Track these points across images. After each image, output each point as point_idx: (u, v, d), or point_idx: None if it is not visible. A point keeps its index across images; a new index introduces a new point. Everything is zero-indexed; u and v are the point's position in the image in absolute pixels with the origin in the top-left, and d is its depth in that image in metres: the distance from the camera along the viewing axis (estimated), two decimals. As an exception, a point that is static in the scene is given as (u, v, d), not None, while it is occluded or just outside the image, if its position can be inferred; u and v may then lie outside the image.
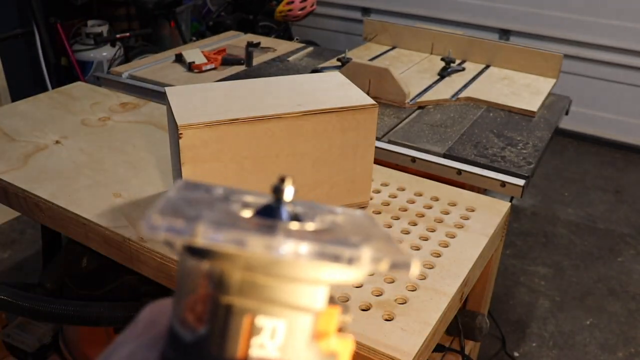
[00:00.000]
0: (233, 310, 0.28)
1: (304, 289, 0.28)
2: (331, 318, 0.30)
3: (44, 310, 1.16)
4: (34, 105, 1.55)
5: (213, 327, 0.28)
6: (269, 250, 0.26)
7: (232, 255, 0.27)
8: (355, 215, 0.35)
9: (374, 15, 4.08)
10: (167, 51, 2.21)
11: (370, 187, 1.14)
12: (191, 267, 0.29)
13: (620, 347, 2.09)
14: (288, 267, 0.28)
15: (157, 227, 0.26)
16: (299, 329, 0.28)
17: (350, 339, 0.30)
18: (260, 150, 1.00)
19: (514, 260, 2.52)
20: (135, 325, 0.32)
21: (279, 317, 0.28)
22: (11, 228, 2.64)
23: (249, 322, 0.28)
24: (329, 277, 0.28)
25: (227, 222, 0.28)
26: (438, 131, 1.60)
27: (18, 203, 1.19)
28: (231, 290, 0.28)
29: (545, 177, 3.21)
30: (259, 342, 0.28)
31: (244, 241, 0.26)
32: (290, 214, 0.30)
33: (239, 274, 0.27)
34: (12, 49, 3.24)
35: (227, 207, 0.31)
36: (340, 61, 2.03)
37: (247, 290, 0.28)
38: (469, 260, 1.01)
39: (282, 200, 0.30)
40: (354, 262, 0.27)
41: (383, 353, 0.80)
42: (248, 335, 0.28)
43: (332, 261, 0.27)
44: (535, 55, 2.01)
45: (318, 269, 0.28)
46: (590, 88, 3.59)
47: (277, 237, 0.27)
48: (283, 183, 0.30)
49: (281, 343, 0.28)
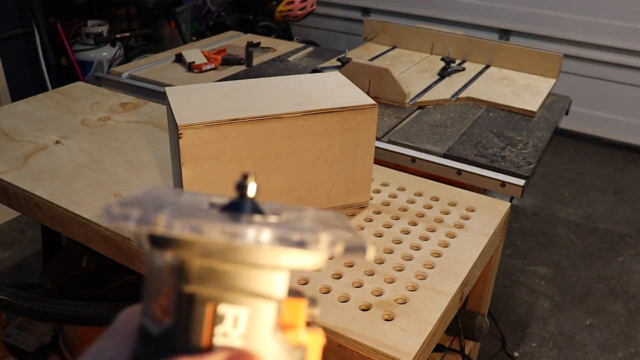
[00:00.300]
0: (195, 300, 0.28)
1: (264, 275, 0.29)
2: (298, 310, 0.31)
3: (44, 310, 1.16)
4: (34, 105, 1.55)
5: (178, 317, 0.28)
6: (226, 235, 0.27)
7: (191, 243, 0.28)
8: (324, 213, 0.35)
9: (374, 15, 4.08)
10: (167, 51, 2.21)
11: (370, 187, 1.14)
12: (157, 261, 0.30)
13: (620, 347, 2.09)
14: (246, 253, 0.28)
15: (116, 216, 0.27)
16: (262, 317, 0.29)
17: (320, 333, 0.31)
18: (260, 150, 1.00)
19: (514, 260, 2.52)
20: (109, 328, 0.33)
21: (241, 305, 0.28)
22: (11, 228, 2.64)
23: (212, 311, 0.28)
24: (287, 262, 0.29)
25: (187, 214, 0.28)
26: (438, 131, 1.60)
27: (18, 203, 1.19)
28: (192, 278, 0.28)
29: (545, 177, 3.21)
30: (222, 330, 0.28)
31: (200, 228, 0.26)
32: (253, 208, 0.31)
33: (198, 261, 0.28)
34: (12, 49, 3.24)
35: (192, 204, 0.32)
36: (340, 61, 2.03)
37: (207, 279, 0.28)
38: (469, 260, 1.01)
39: (246, 196, 0.31)
40: (310, 245, 0.27)
41: (383, 353, 0.80)
42: (211, 324, 0.28)
43: (288, 245, 0.27)
44: (535, 55, 2.01)
45: (276, 255, 0.28)
46: (590, 88, 3.59)
47: (234, 224, 0.27)
48: (246, 180, 0.31)
49: (244, 331, 0.28)
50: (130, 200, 0.29)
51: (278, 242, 0.27)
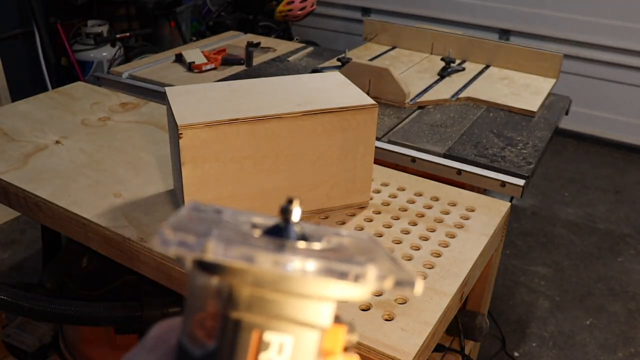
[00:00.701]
0: (242, 326, 0.28)
1: (311, 305, 0.29)
2: (338, 336, 0.31)
3: (44, 310, 1.16)
4: (34, 105, 1.55)
5: (222, 342, 0.28)
6: (277, 266, 0.27)
7: (241, 271, 0.28)
8: (361, 238, 0.36)
9: (374, 15, 4.08)
10: (167, 51, 2.21)
11: (370, 187, 1.14)
12: (201, 283, 0.30)
13: (620, 347, 2.09)
14: (295, 283, 0.28)
15: (170, 242, 0.27)
16: (306, 345, 0.29)
17: (356, 357, 0.31)
18: (260, 150, 1.00)
19: (514, 260, 2.52)
20: (144, 341, 0.33)
21: (287, 333, 0.29)
22: (11, 228, 2.64)
23: (257, 338, 0.28)
24: (335, 294, 0.29)
25: (236, 239, 0.28)
26: (438, 131, 1.60)
27: (18, 203, 1.19)
28: (240, 305, 0.28)
29: (545, 177, 3.21)
30: (267, 357, 0.28)
31: (253, 257, 0.27)
32: (298, 233, 0.31)
33: (248, 289, 0.28)
34: (12, 49, 3.24)
35: (236, 226, 0.32)
36: (340, 61, 2.03)
37: (255, 306, 0.28)
38: (469, 260, 1.01)
39: (290, 221, 0.31)
40: (360, 279, 0.28)
41: (383, 353, 0.80)
42: (256, 351, 0.28)
43: (338, 278, 0.28)
44: (535, 55, 2.01)
45: (325, 286, 0.29)
46: (590, 88, 3.59)
47: (285, 254, 0.28)
48: (291, 204, 0.31)
49: (289, 359, 0.29)
50: (178, 223, 0.29)
51: (329, 274, 0.27)
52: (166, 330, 0.33)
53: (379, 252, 0.33)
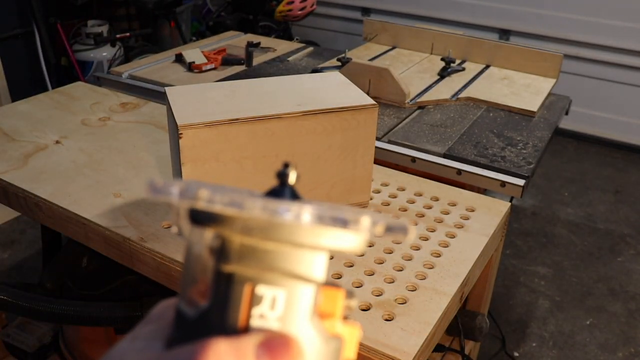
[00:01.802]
0: (234, 279, 0.28)
1: (303, 255, 0.28)
2: (336, 300, 0.30)
3: (44, 310, 1.16)
4: (34, 105, 1.55)
5: (215, 298, 0.28)
6: (268, 212, 0.26)
7: (231, 218, 0.27)
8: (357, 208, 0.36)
9: (374, 15, 4.08)
10: (167, 51, 2.21)
11: (370, 187, 1.14)
12: (194, 247, 0.29)
13: (620, 347, 2.09)
14: (287, 230, 0.28)
15: (160, 190, 0.26)
16: (300, 301, 0.29)
17: (357, 327, 0.30)
18: (260, 150, 1.00)
19: (514, 260, 2.52)
20: (144, 321, 0.33)
21: (279, 286, 0.28)
22: (11, 228, 2.64)
23: (250, 291, 0.28)
24: (328, 242, 0.28)
25: (222, 189, 0.28)
26: (438, 131, 1.60)
27: (18, 203, 1.19)
28: (231, 257, 0.28)
29: (545, 177, 3.21)
30: (259, 312, 0.28)
31: (242, 203, 0.26)
32: (294, 196, 0.31)
33: (238, 238, 0.28)
34: (12, 49, 3.24)
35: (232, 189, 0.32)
36: (340, 61, 2.03)
37: (247, 258, 0.28)
38: (469, 260, 1.01)
39: (286, 184, 0.31)
40: (352, 224, 0.27)
41: (383, 353, 0.80)
42: (249, 305, 0.28)
43: (331, 224, 0.27)
44: (535, 55, 2.01)
45: (316, 234, 0.28)
46: (590, 88, 3.59)
47: (276, 201, 0.27)
48: (287, 168, 0.31)
49: (281, 314, 0.28)
50: (172, 180, 0.29)
51: (319, 220, 0.27)
52: (165, 308, 0.33)
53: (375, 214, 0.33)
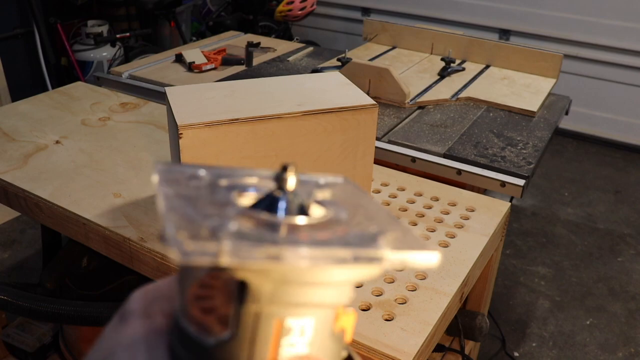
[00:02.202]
0: (262, 317, 0.27)
1: (330, 289, 0.28)
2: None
3: (44, 310, 1.16)
4: (34, 105, 1.55)
5: (240, 331, 0.27)
6: (301, 261, 0.26)
7: (265, 270, 0.26)
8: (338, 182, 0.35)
9: (374, 15, 4.08)
10: (167, 51, 2.21)
11: (370, 187, 1.14)
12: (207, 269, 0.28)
13: (620, 347, 2.09)
14: (317, 274, 0.27)
15: (191, 253, 0.25)
16: (326, 322, 0.29)
17: (352, 312, 0.30)
18: (260, 150, 1.00)
19: (514, 260, 2.52)
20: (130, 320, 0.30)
21: (308, 316, 0.28)
22: (11, 228, 2.64)
23: (279, 326, 0.27)
24: (355, 277, 0.28)
25: (251, 235, 0.27)
26: (438, 131, 1.60)
27: (18, 203, 1.19)
28: (259, 299, 0.27)
29: (545, 177, 3.21)
30: (289, 341, 0.28)
31: (278, 256, 0.25)
32: (296, 206, 0.30)
33: (270, 286, 0.27)
34: (12, 49, 3.25)
35: (229, 198, 0.31)
36: (340, 61, 2.03)
37: (275, 299, 0.27)
38: (469, 260, 1.01)
39: (286, 191, 0.30)
40: (378, 262, 0.27)
41: (383, 353, 0.80)
42: (278, 338, 0.27)
43: (362, 264, 0.27)
44: (535, 55, 2.01)
45: (346, 272, 0.28)
46: (590, 88, 3.59)
47: (304, 247, 0.26)
48: (285, 172, 0.30)
49: (311, 339, 0.28)
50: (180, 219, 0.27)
51: (354, 261, 0.26)
52: (151, 299, 0.31)
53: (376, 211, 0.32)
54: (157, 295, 0.32)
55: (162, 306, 0.31)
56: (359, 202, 0.34)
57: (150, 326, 0.30)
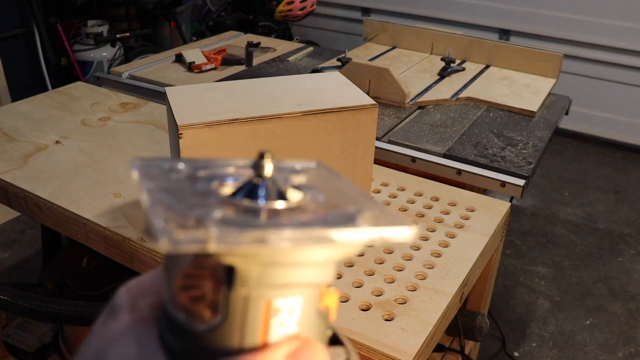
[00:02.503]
0: (250, 299, 0.28)
1: (317, 268, 0.29)
2: None
3: (44, 310, 1.16)
4: (34, 105, 1.55)
5: (230, 315, 0.28)
6: (285, 243, 0.27)
7: (252, 254, 0.27)
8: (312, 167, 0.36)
9: (374, 15, 4.08)
10: (167, 51, 2.21)
11: (370, 187, 1.14)
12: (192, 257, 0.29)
13: (620, 347, 2.09)
14: (301, 253, 0.28)
15: (181, 242, 0.26)
16: (312, 301, 0.30)
17: (336, 291, 0.31)
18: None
19: (514, 260, 2.52)
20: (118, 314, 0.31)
21: (296, 295, 0.29)
22: (11, 228, 2.64)
23: (267, 307, 0.28)
24: (337, 254, 0.29)
25: (236, 221, 0.28)
26: (438, 131, 1.60)
27: (18, 203, 1.19)
28: (247, 283, 0.28)
29: (545, 177, 3.21)
30: (278, 321, 0.29)
31: (263, 239, 0.26)
32: (275, 191, 0.31)
33: (258, 269, 0.28)
34: (12, 49, 3.25)
35: (210, 189, 0.31)
36: (340, 61, 2.03)
37: (263, 281, 0.28)
38: (469, 260, 1.01)
39: (263, 177, 0.31)
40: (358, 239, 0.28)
41: (383, 353, 0.80)
42: (267, 319, 0.28)
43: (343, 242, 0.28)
44: (535, 55, 2.01)
45: (328, 250, 0.29)
46: (590, 88, 3.59)
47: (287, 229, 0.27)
48: (262, 159, 0.31)
49: (299, 317, 0.29)
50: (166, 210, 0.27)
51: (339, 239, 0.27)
52: (134, 295, 0.32)
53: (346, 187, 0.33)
54: (141, 289, 0.32)
55: (148, 298, 0.32)
56: (334, 184, 0.36)
57: (138, 318, 0.30)
